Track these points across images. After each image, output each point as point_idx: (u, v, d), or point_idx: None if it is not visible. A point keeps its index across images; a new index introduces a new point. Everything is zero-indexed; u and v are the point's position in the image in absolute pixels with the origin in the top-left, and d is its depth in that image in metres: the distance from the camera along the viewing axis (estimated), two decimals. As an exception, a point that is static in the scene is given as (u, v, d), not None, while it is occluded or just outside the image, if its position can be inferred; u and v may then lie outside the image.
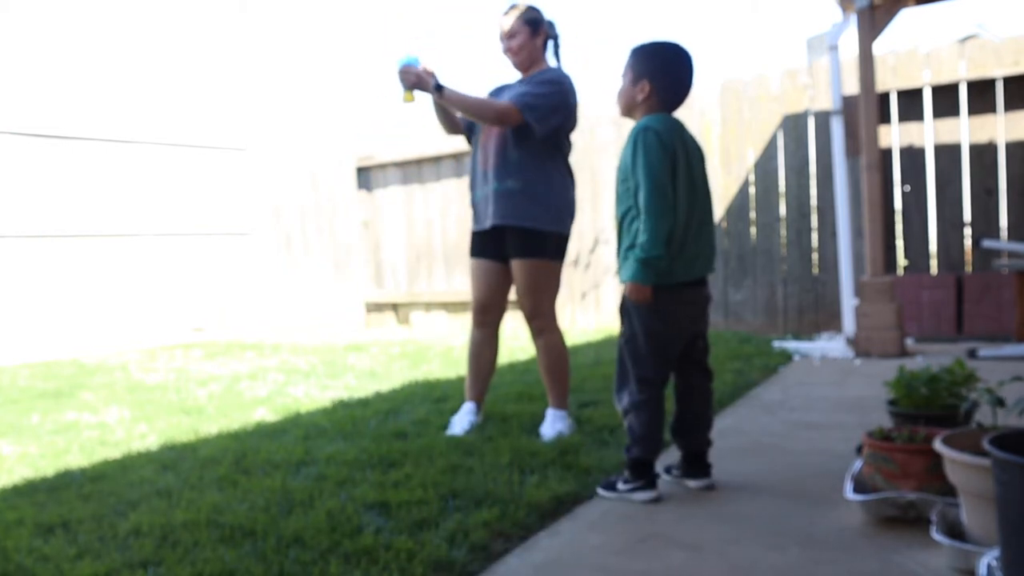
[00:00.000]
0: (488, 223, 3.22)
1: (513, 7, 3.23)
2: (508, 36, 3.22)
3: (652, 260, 2.26)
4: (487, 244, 3.29)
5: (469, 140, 3.42)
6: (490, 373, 3.45)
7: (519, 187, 3.13)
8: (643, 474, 2.39)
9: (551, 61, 3.29)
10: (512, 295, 3.38)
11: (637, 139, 2.32)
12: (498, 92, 3.34)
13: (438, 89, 3.07)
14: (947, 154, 6.08)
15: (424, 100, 3.20)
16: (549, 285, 3.24)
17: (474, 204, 3.33)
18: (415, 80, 3.08)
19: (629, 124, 2.50)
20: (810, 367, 4.81)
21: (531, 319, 3.26)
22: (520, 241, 3.17)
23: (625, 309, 2.42)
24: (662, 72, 2.39)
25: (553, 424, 3.21)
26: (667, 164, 2.29)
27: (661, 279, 2.30)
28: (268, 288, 9.60)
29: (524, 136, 3.13)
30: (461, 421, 3.33)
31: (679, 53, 2.42)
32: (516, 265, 3.20)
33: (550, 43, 3.28)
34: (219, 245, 9.26)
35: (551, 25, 3.27)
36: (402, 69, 3.09)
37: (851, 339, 5.23)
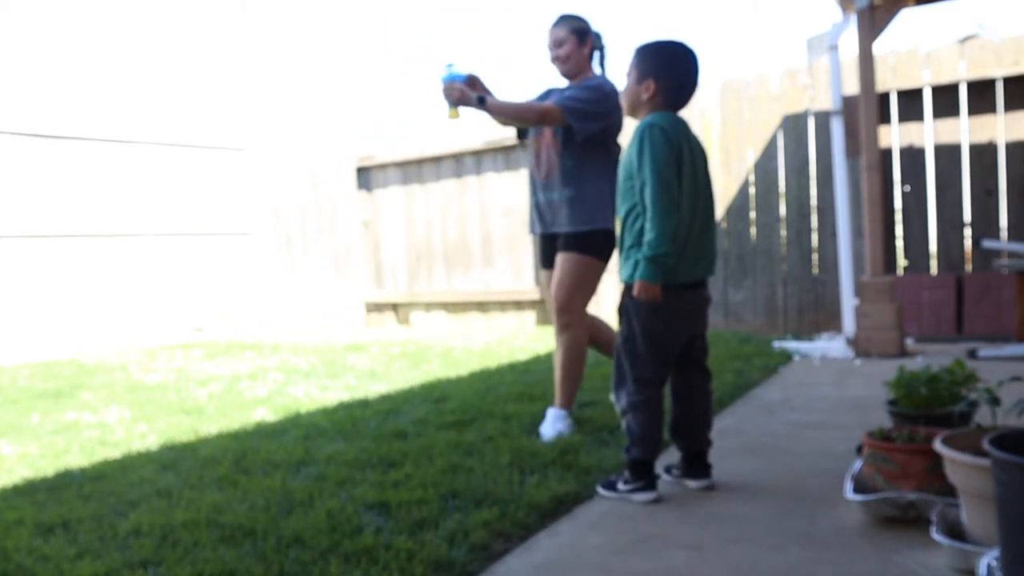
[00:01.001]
0: (548, 229, 3.37)
1: (562, 17, 3.34)
2: (556, 45, 3.32)
3: (660, 257, 2.25)
4: (547, 252, 3.43)
5: (522, 139, 3.55)
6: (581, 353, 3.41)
7: (574, 195, 3.25)
8: (643, 475, 2.39)
9: (596, 70, 3.39)
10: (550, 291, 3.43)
11: (643, 136, 2.31)
12: (546, 95, 3.45)
13: (481, 102, 3.16)
14: (947, 154, 6.08)
15: (469, 113, 3.28)
16: (585, 283, 3.29)
17: (534, 207, 3.46)
18: (459, 96, 3.14)
19: (628, 126, 2.49)
20: (810, 367, 4.81)
21: (560, 313, 3.29)
22: (567, 239, 3.28)
23: (624, 309, 2.42)
24: (667, 71, 2.38)
25: (554, 424, 3.23)
26: (673, 162, 2.29)
27: (666, 279, 2.29)
28: (268, 288, 9.59)
29: (573, 144, 3.24)
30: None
31: (684, 52, 2.41)
32: (559, 258, 3.30)
33: (596, 53, 3.39)
34: (219, 245, 9.26)
35: (597, 36, 3.38)
36: (445, 86, 3.15)
37: (851, 339, 5.23)
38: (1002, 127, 5.88)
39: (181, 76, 8.82)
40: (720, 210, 6.78)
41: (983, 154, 5.95)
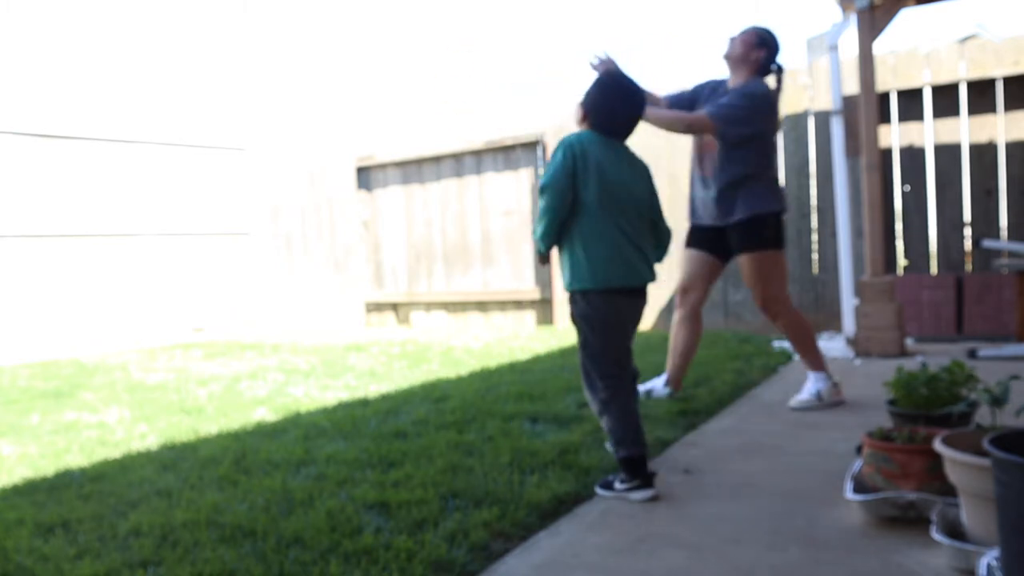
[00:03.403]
0: (707, 222, 3.68)
1: (754, 26, 3.65)
2: (733, 38, 3.64)
3: (537, 241, 2.60)
4: (703, 238, 3.74)
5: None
6: (686, 351, 3.83)
7: (737, 191, 3.53)
8: (637, 472, 2.40)
9: (768, 80, 3.65)
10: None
11: (555, 151, 2.57)
12: (701, 89, 3.75)
13: None
14: (947, 154, 6.08)
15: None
16: (775, 273, 3.60)
17: (693, 200, 3.78)
18: None
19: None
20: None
21: (765, 308, 3.64)
22: (741, 234, 3.58)
23: (573, 317, 2.59)
24: (595, 104, 2.61)
25: (815, 383, 3.61)
26: (566, 173, 2.48)
27: (597, 283, 2.48)
28: (268, 288, 9.60)
29: (730, 143, 3.52)
30: (648, 385, 3.81)
31: (615, 87, 2.63)
32: (741, 260, 3.62)
33: (772, 69, 3.66)
34: (219, 245, 9.26)
35: (773, 49, 3.63)
36: None
37: (851, 339, 5.23)
38: (1002, 127, 5.88)
39: (181, 76, 8.82)
40: (720, 210, 6.78)
41: (983, 154, 5.95)
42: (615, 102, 2.60)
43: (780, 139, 6.62)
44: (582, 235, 2.51)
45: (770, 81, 3.66)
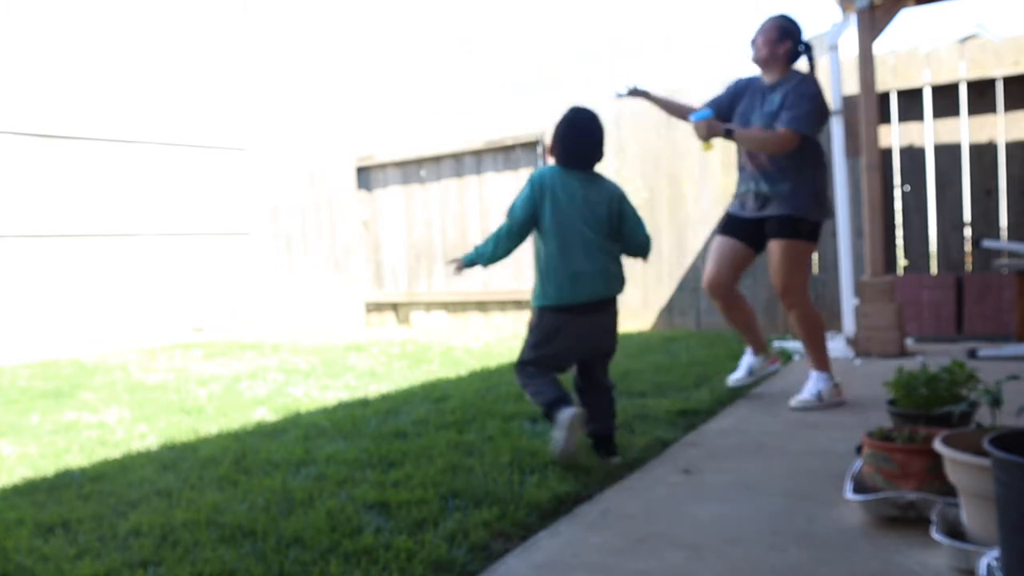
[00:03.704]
0: (750, 214, 3.71)
1: (769, 19, 3.69)
2: (758, 33, 3.69)
3: (475, 253, 2.89)
4: (739, 227, 3.77)
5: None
6: (749, 321, 3.95)
7: (787, 188, 3.58)
8: (552, 410, 2.70)
9: (801, 66, 3.71)
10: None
11: None
12: (740, 89, 3.82)
13: (728, 134, 3.54)
14: (947, 154, 6.08)
15: (718, 143, 3.71)
16: (799, 265, 3.63)
17: (739, 194, 3.81)
18: (707, 130, 3.52)
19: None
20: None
21: (783, 296, 3.67)
22: (777, 225, 3.61)
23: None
24: (556, 139, 2.91)
25: (816, 383, 3.62)
26: (526, 203, 2.82)
27: (548, 301, 2.79)
28: (268, 288, 9.60)
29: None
30: (743, 367, 3.98)
31: (571, 123, 2.90)
32: (771, 246, 3.65)
33: (799, 52, 3.69)
34: (219, 245, 9.26)
35: (798, 36, 3.67)
36: (695, 124, 3.55)
37: (851, 339, 5.23)
38: (1002, 127, 5.88)
39: (181, 76, 8.82)
40: (719, 210, 6.78)
41: (983, 154, 5.95)
42: (570, 137, 2.89)
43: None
44: (540, 259, 2.82)
45: (802, 65, 3.71)
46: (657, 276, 7.20)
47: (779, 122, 3.55)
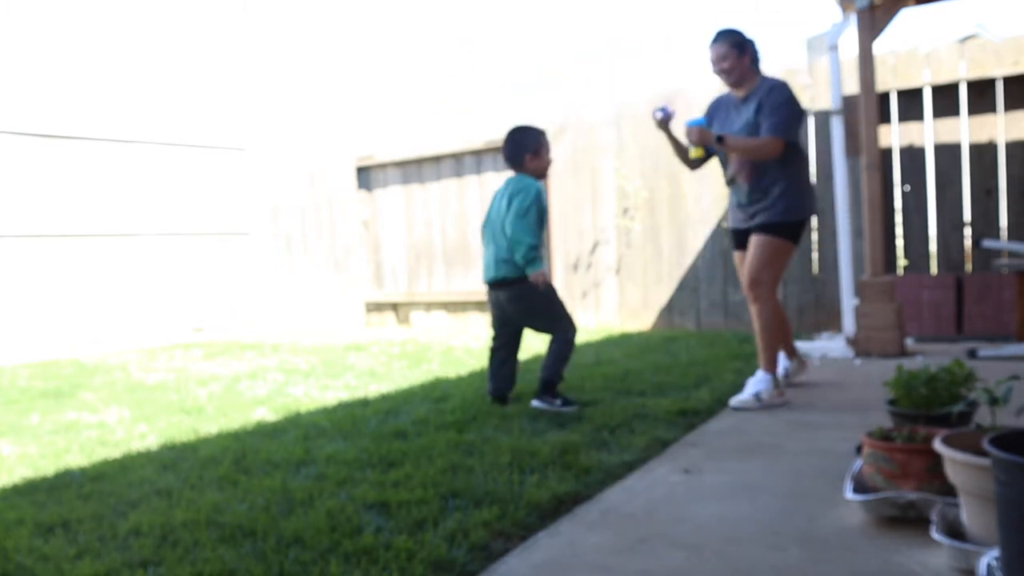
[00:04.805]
0: (744, 225, 3.83)
1: (719, 34, 3.75)
2: (719, 60, 3.74)
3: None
4: (740, 239, 3.91)
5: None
6: (784, 334, 3.98)
7: (776, 192, 3.68)
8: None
9: (759, 72, 3.80)
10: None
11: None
12: (715, 108, 3.90)
13: (719, 140, 3.63)
14: (947, 154, 6.08)
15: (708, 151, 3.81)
16: (774, 261, 3.71)
17: (731, 207, 3.93)
18: (698, 137, 3.64)
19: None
20: (810, 367, 4.81)
21: (750, 287, 3.72)
22: (761, 226, 3.72)
23: None
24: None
25: (755, 384, 3.63)
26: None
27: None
28: (268, 288, 9.60)
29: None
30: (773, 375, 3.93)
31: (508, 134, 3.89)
32: (752, 239, 3.74)
33: (758, 57, 3.79)
34: (219, 245, 9.26)
35: (751, 43, 3.76)
36: (688, 129, 3.65)
37: (851, 339, 5.23)
38: (1002, 127, 5.88)
39: (181, 76, 8.82)
40: (719, 210, 6.78)
41: (983, 154, 5.95)
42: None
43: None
44: None
45: (760, 69, 3.82)
46: (657, 276, 7.21)
47: (762, 131, 3.65)
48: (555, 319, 3.75)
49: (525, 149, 3.80)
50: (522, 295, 3.70)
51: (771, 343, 3.72)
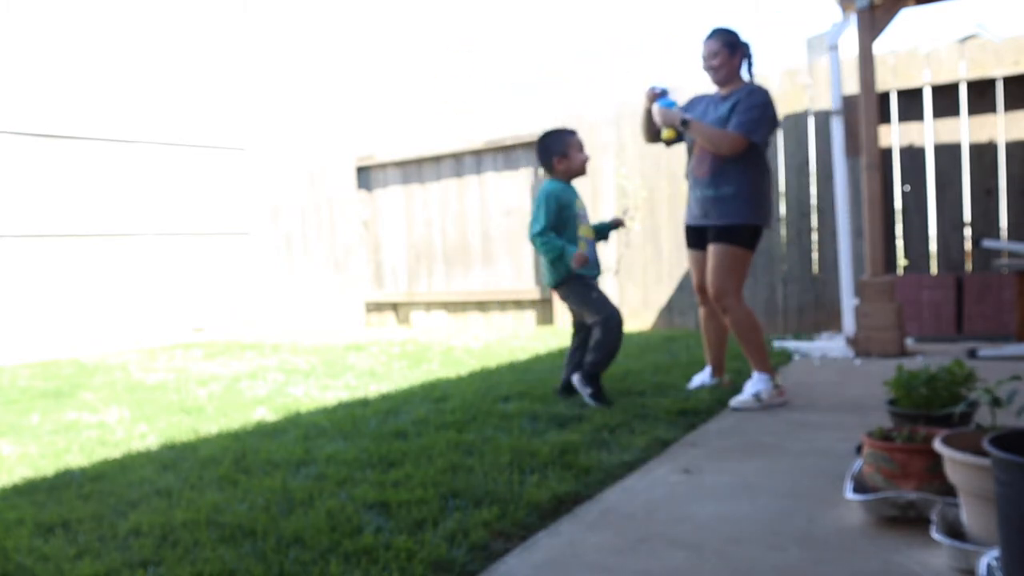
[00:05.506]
0: (699, 222, 3.83)
1: (715, 31, 3.75)
2: (710, 56, 3.75)
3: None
4: (694, 237, 3.93)
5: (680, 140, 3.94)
6: (719, 341, 4.04)
7: (729, 192, 3.68)
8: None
9: (744, 76, 3.81)
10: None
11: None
12: (694, 103, 3.89)
13: (684, 124, 3.67)
14: (947, 154, 6.08)
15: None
16: (735, 269, 3.70)
17: (688, 202, 3.93)
18: (663, 118, 3.68)
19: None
20: (810, 367, 4.81)
21: (717, 299, 3.72)
22: (716, 232, 3.72)
23: None
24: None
25: (755, 384, 3.65)
26: None
27: None
28: (268, 288, 9.60)
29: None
30: (697, 379, 4.06)
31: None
32: (709, 249, 3.75)
33: (745, 61, 3.80)
34: (219, 245, 9.26)
35: (746, 46, 3.78)
36: (662, 111, 3.68)
37: (851, 339, 5.23)
38: (1002, 127, 5.88)
39: (181, 76, 8.82)
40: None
41: (983, 154, 5.95)
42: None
43: (780, 139, 6.62)
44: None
45: (745, 75, 3.82)
46: (657, 276, 7.21)
47: (729, 126, 3.65)
48: (592, 310, 3.84)
49: (552, 153, 3.89)
50: (566, 294, 3.91)
51: (755, 344, 3.72)
